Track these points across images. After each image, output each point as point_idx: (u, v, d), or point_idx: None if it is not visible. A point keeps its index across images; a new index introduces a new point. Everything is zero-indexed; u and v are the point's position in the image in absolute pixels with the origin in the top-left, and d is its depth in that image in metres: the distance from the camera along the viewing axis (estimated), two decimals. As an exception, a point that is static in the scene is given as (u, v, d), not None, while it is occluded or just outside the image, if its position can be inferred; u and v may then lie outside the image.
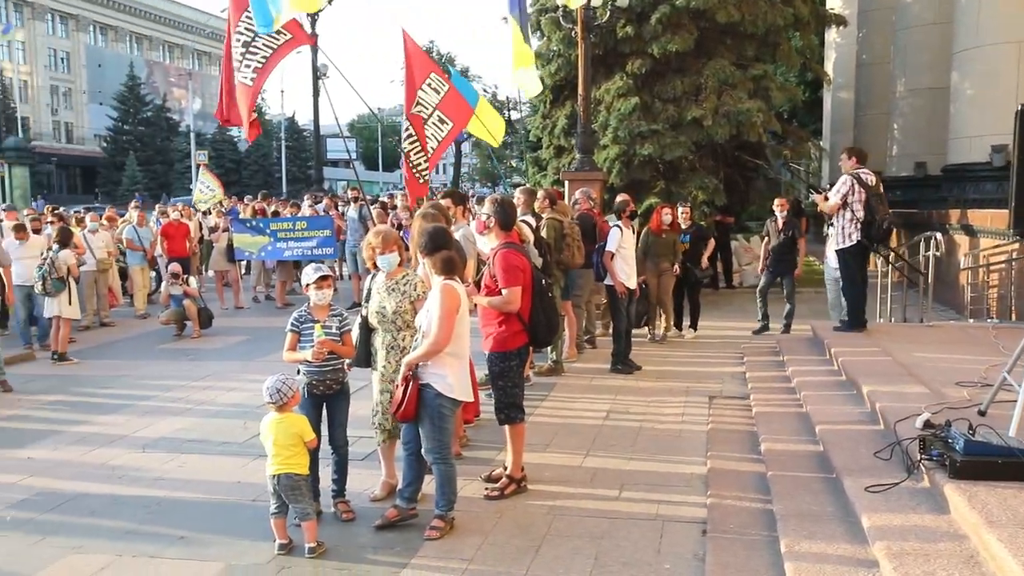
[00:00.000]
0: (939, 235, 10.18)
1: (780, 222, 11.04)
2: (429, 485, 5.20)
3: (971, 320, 10.32)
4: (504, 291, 5.52)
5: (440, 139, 10.54)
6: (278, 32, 8.60)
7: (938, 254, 10.05)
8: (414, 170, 10.09)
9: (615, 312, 9.40)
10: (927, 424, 5.00)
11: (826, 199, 8.69)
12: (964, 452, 4.36)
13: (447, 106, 10.46)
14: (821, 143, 19.40)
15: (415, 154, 10.07)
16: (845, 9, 19.28)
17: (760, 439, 6.38)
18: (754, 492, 5.44)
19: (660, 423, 7.31)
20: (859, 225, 8.39)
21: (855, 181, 8.37)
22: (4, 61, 60.17)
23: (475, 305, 5.69)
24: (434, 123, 10.34)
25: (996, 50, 11.35)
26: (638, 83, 14.73)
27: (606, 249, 9.27)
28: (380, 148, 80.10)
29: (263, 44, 8.66)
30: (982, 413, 5.15)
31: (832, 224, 8.98)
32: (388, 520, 5.09)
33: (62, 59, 72.80)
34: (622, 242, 9.22)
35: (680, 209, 11.27)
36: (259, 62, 8.68)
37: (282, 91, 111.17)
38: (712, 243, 12.36)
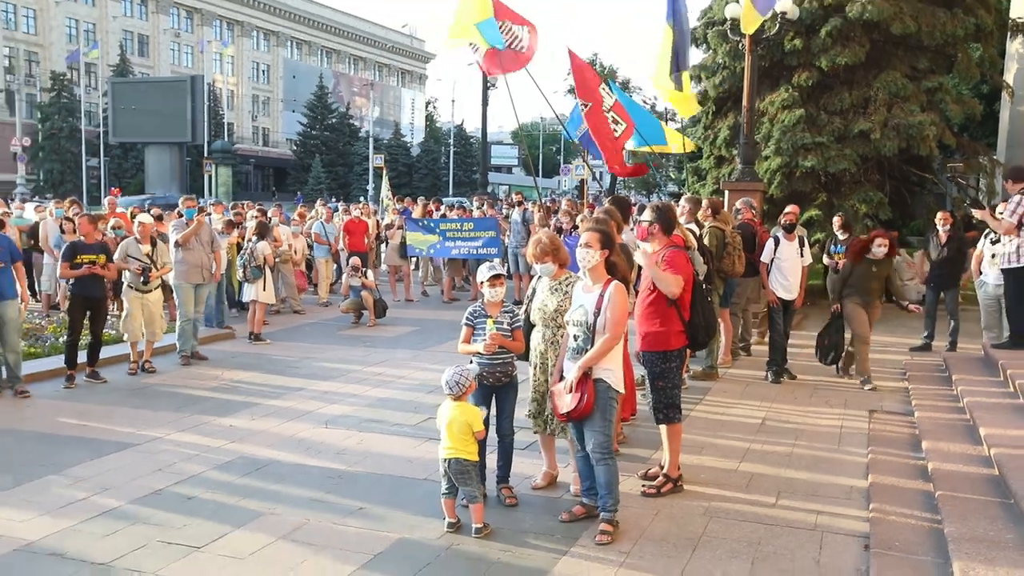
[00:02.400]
0: None
1: (943, 236, 10.70)
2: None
3: None
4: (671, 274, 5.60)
5: (618, 135, 11.97)
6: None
7: None
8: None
9: (771, 321, 9.40)
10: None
11: (992, 216, 8.58)
12: None
13: (618, 111, 11.94)
14: (995, 157, 18.30)
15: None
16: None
17: (926, 457, 6.23)
18: (920, 510, 5.32)
19: (817, 433, 7.25)
20: None
21: None
22: (216, 74, 68.36)
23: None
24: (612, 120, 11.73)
25: None
26: (804, 95, 14.46)
27: (761, 260, 9.29)
28: (540, 155, 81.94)
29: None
30: None
31: (1001, 242, 8.75)
32: (575, 516, 5.29)
33: (263, 71, 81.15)
34: (778, 253, 9.22)
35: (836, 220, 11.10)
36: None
37: (452, 100, 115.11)
38: None
